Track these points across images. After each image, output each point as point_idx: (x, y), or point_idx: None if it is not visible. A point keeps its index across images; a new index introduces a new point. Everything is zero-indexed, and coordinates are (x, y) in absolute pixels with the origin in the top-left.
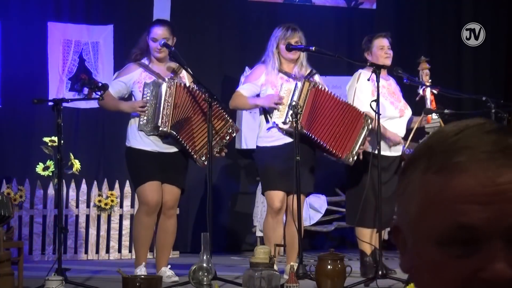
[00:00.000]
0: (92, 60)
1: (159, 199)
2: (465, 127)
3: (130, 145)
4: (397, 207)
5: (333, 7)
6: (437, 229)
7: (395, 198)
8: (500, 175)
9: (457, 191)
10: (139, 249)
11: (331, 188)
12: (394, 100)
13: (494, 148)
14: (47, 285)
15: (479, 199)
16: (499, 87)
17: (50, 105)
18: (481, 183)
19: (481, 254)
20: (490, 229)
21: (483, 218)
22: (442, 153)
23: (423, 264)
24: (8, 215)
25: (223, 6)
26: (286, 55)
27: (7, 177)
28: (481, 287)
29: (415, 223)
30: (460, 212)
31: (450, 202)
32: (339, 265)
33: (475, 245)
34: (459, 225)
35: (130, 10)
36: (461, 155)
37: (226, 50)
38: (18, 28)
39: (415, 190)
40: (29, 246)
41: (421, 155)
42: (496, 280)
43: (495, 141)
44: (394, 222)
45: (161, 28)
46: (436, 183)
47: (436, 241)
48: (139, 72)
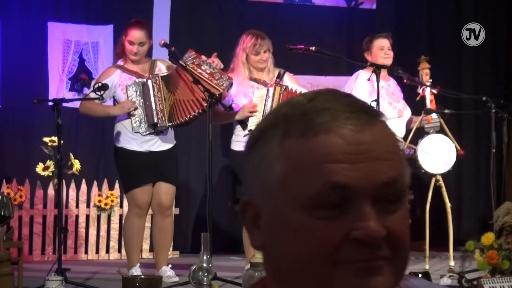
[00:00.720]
0: (92, 60)
1: (149, 200)
2: (317, 93)
3: (121, 146)
4: (249, 180)
5: (333, 7)
6: (306, 192)
7: None
8: (365, 133)
9: (324, 151)
10: (132, 252)
11: None
12: (392, 100)
13: (353, 109)
14: (47, 285)
15: (348, 158)
16: (499, 87)
17: (50, 105)
18: (348, 142)
19: (353, 214)
20: (360, 187)
21: (354, 176)
22: (302, 117)
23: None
24: (8, 215)
25: (223, 6)
26: (255, 64)
27: (7, 177)
28: (353, 248)
29: (278, 191)
30: (330, 172)
31: (318, 163)
32: None
33: (345, 206)
34: (332, 185)
35: (130, 10)
36: (323, 116)
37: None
38: (18, 28)
39: (275, 158)
40: (29, 246)
41: (274, 124)
42: (369, 238)
43: (352, 103)
44: (244, 198)
45: (138, 32)
46: (301, 147)
47: (305, 206)
48: (118, 74)
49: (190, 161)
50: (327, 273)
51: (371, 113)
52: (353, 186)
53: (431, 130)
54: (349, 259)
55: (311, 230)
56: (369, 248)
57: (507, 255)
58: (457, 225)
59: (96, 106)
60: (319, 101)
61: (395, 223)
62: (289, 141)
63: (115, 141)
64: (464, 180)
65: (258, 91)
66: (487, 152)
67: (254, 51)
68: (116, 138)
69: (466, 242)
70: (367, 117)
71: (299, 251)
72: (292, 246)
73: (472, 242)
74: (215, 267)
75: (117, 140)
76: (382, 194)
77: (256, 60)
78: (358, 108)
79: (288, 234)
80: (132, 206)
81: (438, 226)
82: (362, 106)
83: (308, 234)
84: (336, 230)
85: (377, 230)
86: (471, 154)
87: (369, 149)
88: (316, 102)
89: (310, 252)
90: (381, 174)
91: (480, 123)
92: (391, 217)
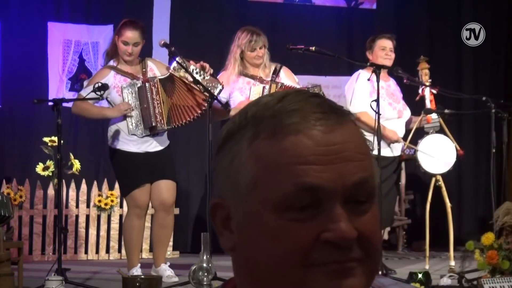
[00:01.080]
0: (92, 60)
1: (148, 201)
2: (285, 94)
3: (118, 148)
4: (219, 182)
5: (333, 7)
6: (277, 194)
7: (390, 198)
8: (335, 134)
9: (294, 153)
10: (133, 252)
11: None
12: (392, 101)
13: (323, 109)
14: (47, 285)
15: (318, 159)
16: (499, 87)
17: (50, 105)
18: (317, 143)
19: (323, 215)
20: (331, 188)
21: (325, 177)
22: (271, 118)
23: (260, 236)
24: (8, 215)
25: (223, 6)
26: (251, 60)
27: (7, 177)
28: (324, 250)
29: (249, 193)
30: (301, 174)
31: (289, 164)
32: None
33: (315, 208)
34: (302, 186)
35: (130, 10)
36: (293, 117)
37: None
38: (18, 28)
39: (245, 159)
40: (29, 246)
41: (244, 125)
42: (341, 240)
43: (321, 103)
44: (213, 200)
45: (132, 32)
46: (271, 148)
47: (276, 208)
48: (112, 76)
49: (190, 161)
50: (299, 275)
51: (341, 113)
52: (324, 187)
53: (430, 130)
54: (321, 261)
55: (283, 232)
56: (341, 250)
57: (507, 255)
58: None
59: (92, 107)
60: (288, 102)
61: (366, 224)
62: (258, 142)
63: (111, 143)
64: (464, 180)
65: (254, 87)
66: (487, 152)
67: (250, 47)
68: (111, 140)
69: (466, 242)
70: (337, 118)
71: (271, 253)
72: (264, 248)
73: (472, 242)
74: (215, 267)
75: (112, 142)
76: (352, 195)
77: (252, 57)
78: (327, 108)
79: (259, 236)
80: (132, 207)
81: (438, 226)
82: (331, 106)
83: (280, 236)
84: (308, 232)
85: (348, 232)
86: (471, 154)
87: (339, 149)
88: (285, 103)
89: (282, 254)
90: (351, 175)
91: (480, 123)
92: (361, 218)
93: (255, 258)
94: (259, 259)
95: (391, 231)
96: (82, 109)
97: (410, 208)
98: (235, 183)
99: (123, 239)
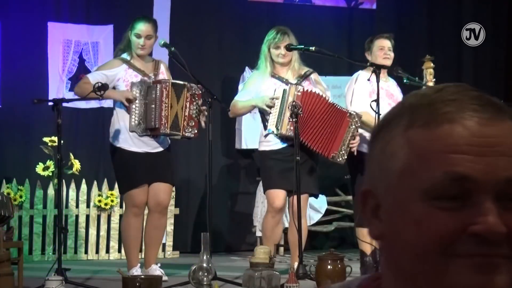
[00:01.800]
0: (92, 60)
1: (146, 200)
2: (444, 86)
3: (119, 145)
4: (370, 169)
5: (333, 7)
6: (428, 181)
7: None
8: (491, 127)
9: (448, 141)
10: (132, 251)
11: (331, 188)
12: (392, 101)
13: (480, 102)
14: (47, 285)
15: (472, 150)
16: (499, 87)
17: (50, 105)
18: (473, 134)
19: (473, 207)
20: (483, 181)
21: (477, 169)
22: (428, 106)
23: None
24: (8, 215)
25: (223, 6)
26: (276, 59)
27: (7, 177)
28: (470, 243)
29: (399, 180)
30: (453, 163)
31: (442, 153)
32: (339, 265)
33: (465, 199)
34: (453, 175)
35: (130, 10)
36: (449, 106)
37: (226, 50)
38: (18, 28)
39: (398, 147)
40: (29, 246)
41: (400, 114)
42: (489, 233)
43: (479, 96)
44: (364, 187)
45: (145, 25)
46: (424, 136)
47: (425, 195)
48: (124, 69)
49: (190, 161)
50: (442, 264)
51: (499, 108)
52: (475, 178)
53: None
54: (466, 253)
55: (430, 219)
56: (488, 245)
57: None
58: None
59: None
60: (446, 92)
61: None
62: (413, 130)
63: (113, 140)
64: None
65: (278, 89)
66: None
67: (274, 44)
68: (113, 136)
69: None
70: (494, 111)
71: (416, 240)
72: (410, 235)
73: None
74: (215, 267)
75: (115, 139)
76: (504, 191)
77: (276, 54)
78: (485, 101)
79: (406, 223)
80: (130, 206)
81: None
82: (490, 100)
83: (427, 223)
84: (455, 222)
85: (497, 226)
86: None
87: (495, 143)
88: (443, 93)
89: (427, 241)
90: (505, 170)
91: None
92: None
93: (401, 245)
94: (404, 246)
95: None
96: (86, 89)
97: None
98: (386, 170)
99: (122, 240)
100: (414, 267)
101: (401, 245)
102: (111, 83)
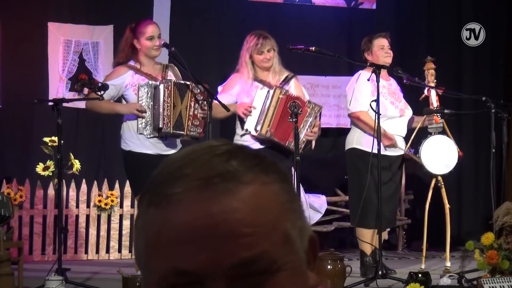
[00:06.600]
0: (92, 60)
1: None
2: (192, 151)
3: (130, 149)
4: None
5: (333, 7)
6: (157, 272)
7: (396, 197)
8: (215, 204)
9: (173, 228)
10: None
11: (331, 188)
12: (394, 100)
13: (211, 174)
14: (47, 285)
15: (194, 237)
16: (499, 87)
17: (50, 105)
18: (194, 216)
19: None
20: (210, 271)
21: (201, 261)
22: (160, 184)
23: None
24: (8, 215)
25: (223, 6)
26: (260, 64)
27: (7, 177)
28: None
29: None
30: (176, 256)
31: (167, 242)
32: (339, 265)
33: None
34: (177, 270)
35: (130, 10)
36: (176, 186)
37: (226, 50)
38: (18, 28)
39: (142, 226)
40: (29, 246)
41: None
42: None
43: (215, 165)
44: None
45: (153, 25)
46: (156, 219)
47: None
48: (130, 75)
49: None
50: None
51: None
52: (200, 272)
53: (434, 131)
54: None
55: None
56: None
57: (507, 255)
58: (457, 225)
59: (103, 102)
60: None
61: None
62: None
63: (123, 145)
64: (464, 180)
65: (260, 91)
66: (487, 152)
67: (257, 50)
68: (123, 141)
69: (466, 242)
70: (224, 182)
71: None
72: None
73: (472, 242)
74: None
75: (124, 143)
76: (237, 275)
77: (260, 60)
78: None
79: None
80: None
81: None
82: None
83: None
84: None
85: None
86: (471, 154)
87: (220, 223)
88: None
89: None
90: (230, 256)
91: (480, 123)
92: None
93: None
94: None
95: (390, 231)
96: (95, 105)
97: (410, 208)
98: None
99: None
100: None
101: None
102: (119, 91)
